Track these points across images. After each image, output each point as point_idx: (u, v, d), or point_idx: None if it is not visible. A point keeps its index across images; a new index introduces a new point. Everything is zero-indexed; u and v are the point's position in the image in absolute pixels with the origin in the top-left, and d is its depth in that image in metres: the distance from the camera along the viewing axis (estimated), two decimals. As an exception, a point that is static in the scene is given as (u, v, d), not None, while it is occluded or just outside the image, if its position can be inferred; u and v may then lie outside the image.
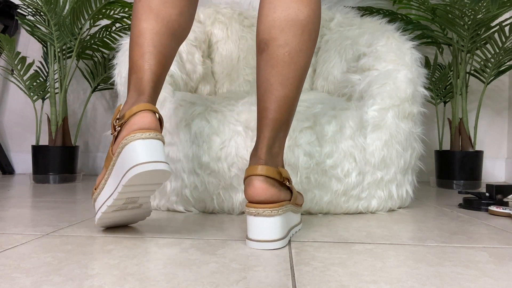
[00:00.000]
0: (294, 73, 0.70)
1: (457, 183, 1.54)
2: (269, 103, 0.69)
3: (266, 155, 0.69)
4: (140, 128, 0.65)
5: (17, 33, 2.00)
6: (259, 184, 0.66)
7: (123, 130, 0.67)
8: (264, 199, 0.65)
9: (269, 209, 0.65)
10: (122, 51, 1.15)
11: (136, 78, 0.71)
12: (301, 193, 0.83)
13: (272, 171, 0.67)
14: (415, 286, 0.49)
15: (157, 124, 0.67)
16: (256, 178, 0.66)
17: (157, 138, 0.66)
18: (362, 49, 1.16)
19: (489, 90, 1.85)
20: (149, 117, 0.66)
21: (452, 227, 0.83)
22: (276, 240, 0.65)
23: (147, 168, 0.62)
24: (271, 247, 0.65)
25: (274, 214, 0.65)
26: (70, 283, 0.48)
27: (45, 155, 1.62)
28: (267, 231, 0.65)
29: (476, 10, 1.36)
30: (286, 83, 0.69)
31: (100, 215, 0.70)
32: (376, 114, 0.99)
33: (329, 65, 1.31)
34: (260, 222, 0.65)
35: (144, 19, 0.73)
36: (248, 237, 0.66)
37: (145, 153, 0.63)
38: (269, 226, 0.65)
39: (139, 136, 0.64)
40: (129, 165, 0.63)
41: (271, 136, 0.69)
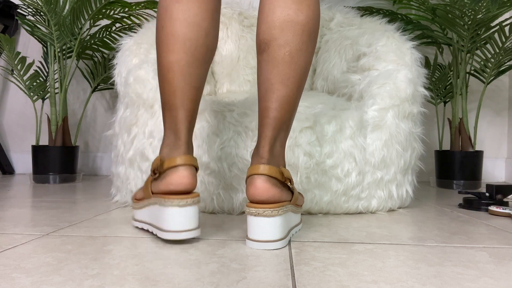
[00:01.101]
0: (295, 72, 0.70)
1: (457, 183, 1.54)
2: (270, 102, 0.70)
3: (268, 154, 0.69)
4: (178, 190, 0.68)
5: (17, 33, 2.00)
6: (261, 184, 0.66)
7: (162, 182, 0.69)
8: (266, 199, 0.65)
9: (269, 210, 0.65)
10: (122, 51, 1.15)
11: (170, 116, 0.71)
12: (301, 194, 0.83)
13: (275, 170, 0.67)
14: (415, 286, 0.49)
15: (194, 182, 0.69)
16: (259, 177, 0.66)
17: (194, 203, 0.68)
18: (362, 49, 1.16)
19: (489, 90, 1.85)
20: (186, 177, 0.68)
21: (452, 227, 0.83)
22: (276, 240, 0.65)
23: (180, 237, 0.67)
24: (271, 247, 0.65)
25: (274, 214, 0.65)
26: (70, 283, 0.48)
27: (45, 155, 1.62)
28: (268, 231, 0.65)
29: (476, 10, 1.36)
30: (287, 82, 0.69)
31: (137, 223, 0.80)
32: (376, 114, 0.99)
33: (329, 65, 1.31)
34: (261, 222, 0.65)
35: (170, 50, 0.70)
36: (248, 237, 0.66)
37: (180, 222, 0.67)
38: (269, 226, 0.65)
39: (177, 203, 0.67)
40: (165, 228, 0.67)
41: (272, 136, 0.69)
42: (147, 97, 1.01)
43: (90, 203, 1.09)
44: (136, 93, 1.02)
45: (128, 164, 1.02)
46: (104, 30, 1.69)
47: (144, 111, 1.02)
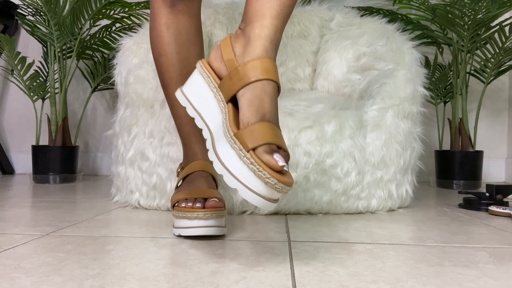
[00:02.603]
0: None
1: (457, 183, 1.54)
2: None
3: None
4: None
5: (17, 33, 2.00)
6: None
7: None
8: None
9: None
10: (122, 51, 1.15)
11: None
12: None
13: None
14: (415, 286, 0.49)
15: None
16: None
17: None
18: (362, 49, 1.16)
19: (489, 90, 1.85)
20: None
21: (452, 227, 0.83)
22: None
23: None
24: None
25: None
26: (70, 283, 0.48)
27: (45, 155, 1.62)
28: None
29: (476, 10, 1.36)
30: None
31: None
32: (375, 113, 0.99)
33: (329, 65, 1.31)
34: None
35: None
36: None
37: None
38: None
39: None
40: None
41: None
42: (147, 97, 1.01)
43: (90, 203, 1.09)
44: (136, 93, 1.02)
45: (128, 164, 1.02)
46: (104, 30, 1.69)
47: (144, 111, 1.02)
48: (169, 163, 0.97)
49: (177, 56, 0.79)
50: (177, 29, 0.79)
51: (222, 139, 0.55)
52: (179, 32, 0.79)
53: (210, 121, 0.59)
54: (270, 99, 0.55)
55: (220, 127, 0.57)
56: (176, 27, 0.79)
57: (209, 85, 0.60)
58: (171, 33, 0.79)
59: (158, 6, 0.79)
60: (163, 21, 0.79)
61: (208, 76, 0.60)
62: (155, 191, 0.99)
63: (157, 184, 0.98)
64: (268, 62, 0.56)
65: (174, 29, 0.79)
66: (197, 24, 0.82)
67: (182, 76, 0.80)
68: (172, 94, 0.81)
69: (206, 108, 0.60)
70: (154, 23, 0.80)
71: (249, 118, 0.54)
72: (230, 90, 0.57)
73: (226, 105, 0.57)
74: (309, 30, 1.45)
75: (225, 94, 0.57)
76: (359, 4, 1.58)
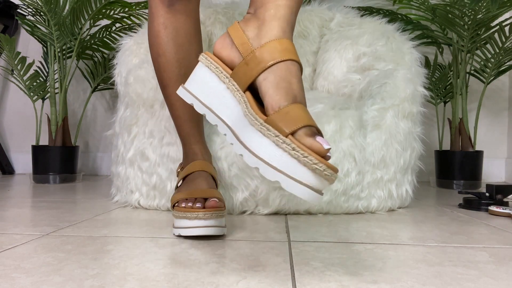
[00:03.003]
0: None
1: (457, 183, 1.54)
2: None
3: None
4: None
5: (17, 33, 2.00)
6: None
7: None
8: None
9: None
10: (122, 51, 1.15)
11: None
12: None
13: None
14: (415, 286, 0.49)
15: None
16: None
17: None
18: (362, 49, 1.16)
19: (489, 90, 1.85)
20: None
21: (452, 227, 0.83)
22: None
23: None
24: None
25: None
26: (70, 283, 0.48)
27: (45, 155, 1.62)
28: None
29: (476, 10, 1.36)
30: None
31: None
32: (375, 113, 0.99)
33: (329, 65, 1.31)
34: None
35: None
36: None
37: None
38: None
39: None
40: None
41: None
42: (147, 97, 1.01)
43: (90, 203, 1.09)
44: (136, 93, 1.02)
45: (128, 164, 1.02)
46: (104, 30, 1.69)
47: (144, 111, 1.02)
48: (169, 163, 0.97)
49: (175, 56, 0.79)
50: (175, 29, 0.79)
51: (249, 129, 0.49)
52: (177, 32, 0.79)
53: (225, 114, 0.54)
54: (298, 80, 0.51)
55: (240, 119, 0.52)
56: (174, 26, 0.79)
57: (218, 76, 0.56)
58: (169, 32, 0.78)
59: (156, 6, 0.79)
60: (161, 21, 0.78)
61: (217, 67, 0.56)
62: (155, 191, 0.99)
63: (157, 184, 0.98)
64: (288, 42, 0.53)
65: (172, 29, 0.79)
66: (195, 23, 0.82)
67: (181, 76, 0.80)
68: (171, 94, 0.81)
69: (217, 101, 0.55)
70: (152, 23, 0.80)
71: (279, 101, 0.49)
72: (247, 76, 0.52)
73: (244, 93, 0.53)
74: (309, 30, 1.45)
75: (242, 82, 0.53)
76: (359, 4, 1.58)
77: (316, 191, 0.45)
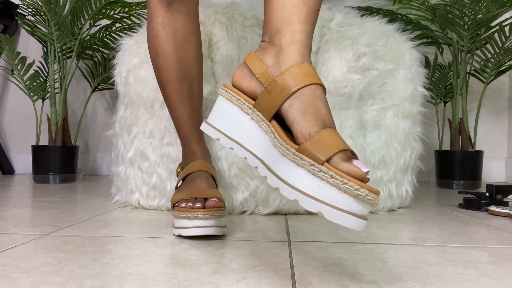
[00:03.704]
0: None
1: (457, 183, 1.54)
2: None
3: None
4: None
5: (17, 33, 2.00)
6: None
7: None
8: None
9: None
10: (122, 51, 1.15)
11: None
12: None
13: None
14: (415, 286, 0.49)
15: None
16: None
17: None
18: (362, 49, 1.16)
19: (489, 90, 1.85)
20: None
21: (452, 227, 0.83)
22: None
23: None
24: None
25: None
26: (70, 283, 0.48)
27: (45, 155, 1.62)
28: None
29: (476, 10, 1.36)
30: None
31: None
32: (375, 113, 0.99)
33: (329, 65, 1.31)
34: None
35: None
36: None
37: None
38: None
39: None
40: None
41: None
42: (147, 97, 1.01)
43: (90, 203, 1.09)
44: (136, 93, 1.02)
45: (128, 164, 1.02)
46: (104, 30, 1.69)
47: (144, 111, 1.02)
48: (169, 163, 0.97)
49: (174, 56, 0.79)
50: (174, 29, 0.78)
51: (281, 160, 0.47)
52: (176, 31, 0.79)
53: (253, 146, 0.52)
54: (324, 104, 0.50)
55: (269, 150, 0.50)
56: (173, 26, 0.78)
57: (241, 107, 0.54)
58: (168, 32, 0.78)
59: (154, 6, 0.78)
60: (159, 20, 0.78)
61: (239, 99, 0.54)
62: (155, 191, 0.99)
63: (157, 184, 0.98)
64: (308, 66, 0.52)
65: (171, 29, 0.78)
66: (194, 23, 0.82)
67: (180, 76, 0.79)
68: (170, 94, 0.81)
69: (243, 134, 0.53)
70: (151, 23, 0.79)
71: (308, 127, 0.47)
72: (271, 105, 0.51)
73: (270, 123, 0.51)
74: (309, 30, 1.45)
75: (266, 112, 0.51)
76: (359, 4, 1.58)
77: (360, 217, 0.43)
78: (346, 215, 0.42)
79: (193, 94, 0.82)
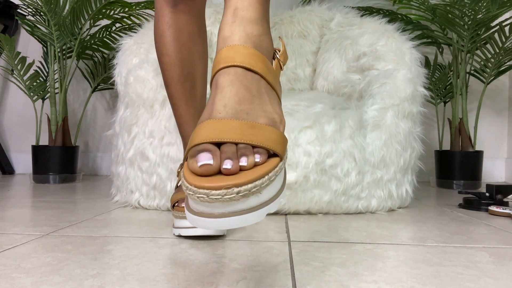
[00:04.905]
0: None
1: (457, 183, 1.54)
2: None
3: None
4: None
5: (17, 33, 2.00)
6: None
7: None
8: None
9: None
10: (122, 51, 1.15)
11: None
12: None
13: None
14: (415, 286, 0.49)
15: None
16: None
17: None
18: (362, 49, 1.16)
19: (489, 90, 1.85)
20: None
21: (452, 227, 0.83)
22: None
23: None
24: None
25: None
26: (70, 283, 0.48)
27: (45, 155, 1.62)
28: None
29: (476, 10, 1.36)
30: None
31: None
32: (375, 113, 0.99)
33: (329, 65, 1.31)
34: None
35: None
36: None
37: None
38: None
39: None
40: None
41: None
42: (147, 97, 1.01)
43: (90, 203, 1.09)
44: (136, 93, 1.02)
45: (128, 164, 1.02)
46: (104, 30, 1.69)
47: (144, 111, 1.02)
48: (169, 163, 0.97)
49: (178, 55, 0.79)
50: (178, 29, 0.79)
51: None
52: (180, 31, 0.79)
53: None
54: (227, 88, 0.44)
55: None
56: (178, 26, 0.79)
57: None
58: (173, 32, 0.79)
59: (160, 6, 0.79)
60: (165, 20, 0.79)
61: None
62: (155, 191, 0.99)
63: (157, 184, 0.98)
64: (227, 49, 0.46)
65: (175, 29, 0.79)
66: (200, 23, 0.83)
67: (183, 76, 0.80)
68: (173, 93, 0.81)
69: None
70: (157, 23, 0.80)
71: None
72: None
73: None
74: (309, 30, 1.45)
75: None
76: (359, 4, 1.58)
77: (207, 216, 0.37)
78: (191, 215, 0.38)
79: (196, 94, 0.82)
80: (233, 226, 0.37)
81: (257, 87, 0.45)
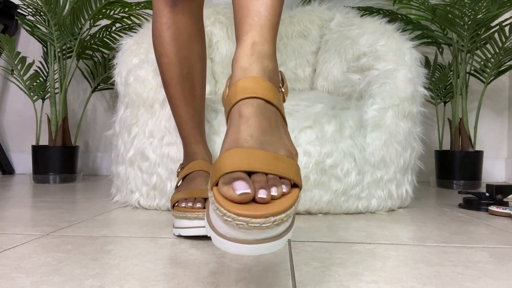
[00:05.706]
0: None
1: (457, 183, 1.54)
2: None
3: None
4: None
5: (17, 33, 2.00)
6: None
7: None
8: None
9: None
10: (122, 51, 1.15)
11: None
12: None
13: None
14: (415, 286, 0.49)
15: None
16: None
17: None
18: (362, 49, 1.16)
19: (489, 90, 1.85)
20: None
21: (452, 227, 0.83)
22: None
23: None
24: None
25: None
26: (70, 283, 0.48)
27: (45, 155, 1.62)
28: None
29: (476, 10, 1.36)
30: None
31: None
32: (375, 113, 0.99)
33: (329, 65, 1.31)
34: None
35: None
36: None
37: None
38: None
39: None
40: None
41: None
42: (147, 97, 1.01)
43: (90, 203, 1.09)
44: (136, 93, 1.02)
45: (128, 164, 1.02)
46: (104, 30, 1.70)
47: (144, 111, 1.02)
48: (169, 163, 0.97)
49: (177, 55, 0.79)
50: (177, 29, 0.79)
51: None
52: (179, 31, 0.79)
53: None
54: (251, 120, 0.45)
55: None
56: (177, 26, 0.79)
57: None
58: (172, 32, 0.79)
59: (159, 6, 0.79)
60: (163, 20, 0.79)
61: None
62: (155, 191, 0.99)
63: (157, 184, 0.98)
64: (243, 81, 0.49)
65: (174, 29, 0.79)
66: (198, 23, 0.82)
67: (183, 76, 0.80)
68: (173, 93, 0.81)
69: None
70: (156, 23, 0.80)
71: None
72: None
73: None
74: (309, 30, 1.45)
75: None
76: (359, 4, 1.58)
77: (240, 241, 0.39)
78: (223, 240, 0.39)
79: (195, 94, 0.82)
80: (264, 252, 0.40)
81: (275, 119, 0.48)
